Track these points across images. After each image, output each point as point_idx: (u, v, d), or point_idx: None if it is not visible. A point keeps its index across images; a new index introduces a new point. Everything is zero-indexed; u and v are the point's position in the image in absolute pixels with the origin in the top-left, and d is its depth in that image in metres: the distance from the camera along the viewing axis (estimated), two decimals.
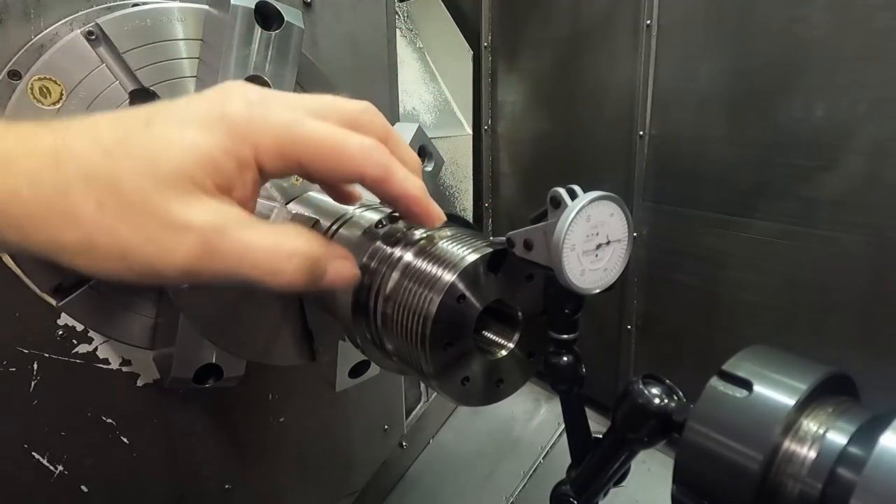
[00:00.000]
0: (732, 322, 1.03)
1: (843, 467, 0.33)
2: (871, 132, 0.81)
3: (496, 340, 0.51)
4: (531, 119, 1.37)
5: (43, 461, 0.79)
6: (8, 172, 0.33)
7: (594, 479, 0.49)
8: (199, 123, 0.35)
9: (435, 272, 0.46)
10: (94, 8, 0.76)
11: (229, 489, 0.97)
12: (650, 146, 1.10)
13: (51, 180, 0.33)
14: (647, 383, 0.44)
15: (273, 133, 0.36)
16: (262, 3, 0.76)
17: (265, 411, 0.98)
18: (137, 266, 0.34)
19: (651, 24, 1.05)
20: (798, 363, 0.38)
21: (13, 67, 0.72)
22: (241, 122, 0.36)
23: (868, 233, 0.83)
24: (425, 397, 1.44)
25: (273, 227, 0.38)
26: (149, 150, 0.34)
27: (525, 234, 0.44)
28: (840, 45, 0.83)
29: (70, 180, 0.33)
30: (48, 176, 0.33)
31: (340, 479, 1.13)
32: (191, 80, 0.81)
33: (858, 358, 0.87)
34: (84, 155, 0.33)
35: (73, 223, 0.33)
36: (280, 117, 0.37)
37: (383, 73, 1.01)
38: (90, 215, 0.33)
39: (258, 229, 0.36)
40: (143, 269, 0.34)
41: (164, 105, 0.37)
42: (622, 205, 0.44)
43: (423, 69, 1.52)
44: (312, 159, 0.37)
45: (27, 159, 0.33)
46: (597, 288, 0.44)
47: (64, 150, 0.34)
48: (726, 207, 1.00)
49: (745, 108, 0.95)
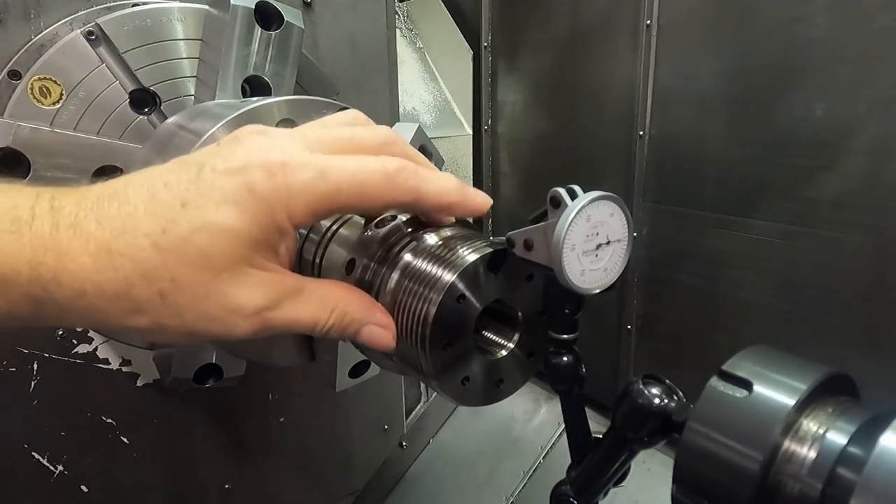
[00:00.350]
0: (732, 322, 1.02)
1: (843, 467, 0.33)
2: (871, 132, 0.81)
3: (496, 340, 0.51)
4: (531, 119, 1.37)
5: (43, 461, 0.79)
6: (71, 274, 0.35)
7: (594, 479, 0.49)
8: (232, 203, 0.36)
9: (435, 272, 0.46)
10: (94, 8, 0.76)
11: (229, 489, 0.97)
12: (650, 146, 1.10)
13: (112, 280, 0.35)
14: (647, 383, 0.44)
15: (301, 200, 0.38)
16: (262, 3, 0.76)
17: (265, 411, 0.98)
18: (203, 339, 0.39)
19: (651, 23, 1.05)
20: (798, 363, 0.38)
21: (13, 67, 0.72)
22: (269, 197, 0.37)
23: (868, 233, 0.83)
24: (425, 397, 1.44)
25: (318, 293, 0.41)
26: (196, 244, 0.36)
27: (525, 234, 0.44)
28: (840, 45, 0.83)
29: (130, 278, 0.35)
30: (109, 275, 0.35)
31: (340, 479, 1.13)
32: (191, 80, 0.81)
33: (858, 358, 0.87)
34: (136, 252, 0.35)
35: (140, 314, 0.36)
36: (303, 180, 0.38)
37: (383, 73, 1.01)
38: (156, 306, 0.36)
39: (305, 297, 0.40)
40: (208, 340, 0.39)
41: (187, 176, 0.37)
42: (622, 205, 0.44)
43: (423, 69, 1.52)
44: (343, 206, 0.40)
45: (85, 257, 0.35)
46: (597, 288, 0.44)
47: (116, 247, 0.35)
48: (726, 207, 1.00)
49: (745, 108, 0.95)
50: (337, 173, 0.38)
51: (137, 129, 0.78)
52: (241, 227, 0.36)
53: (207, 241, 0.36)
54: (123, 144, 0.77)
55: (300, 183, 0.37)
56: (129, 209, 0.36)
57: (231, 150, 0.38)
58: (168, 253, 0.35)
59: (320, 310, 0.41)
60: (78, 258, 0.35)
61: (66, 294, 0.35)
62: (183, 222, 0.36)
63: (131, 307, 0.36)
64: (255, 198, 0.36)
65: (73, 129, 0.74)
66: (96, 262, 0.35)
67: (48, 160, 0.72)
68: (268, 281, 0.38)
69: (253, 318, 0.38)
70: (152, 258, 0.35)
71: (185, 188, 0.37)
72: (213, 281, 0.36)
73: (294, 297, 0.40)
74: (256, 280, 0.38)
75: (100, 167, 0.75)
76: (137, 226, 0.35)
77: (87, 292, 0.35)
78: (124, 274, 0.35)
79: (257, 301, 0.38)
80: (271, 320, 0.39)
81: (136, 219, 0.36)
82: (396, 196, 0.40)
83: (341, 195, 0.39)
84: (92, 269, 0.35)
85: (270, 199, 0.37)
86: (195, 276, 0.36)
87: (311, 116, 0.69)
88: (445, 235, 0.50)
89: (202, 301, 0.36)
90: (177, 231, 0.35)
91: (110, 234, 0.35)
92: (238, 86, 0.77)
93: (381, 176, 0.39)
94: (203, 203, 0.36)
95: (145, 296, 0.35)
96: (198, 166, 0.37)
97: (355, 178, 0.39)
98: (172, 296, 0.36)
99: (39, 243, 0.34)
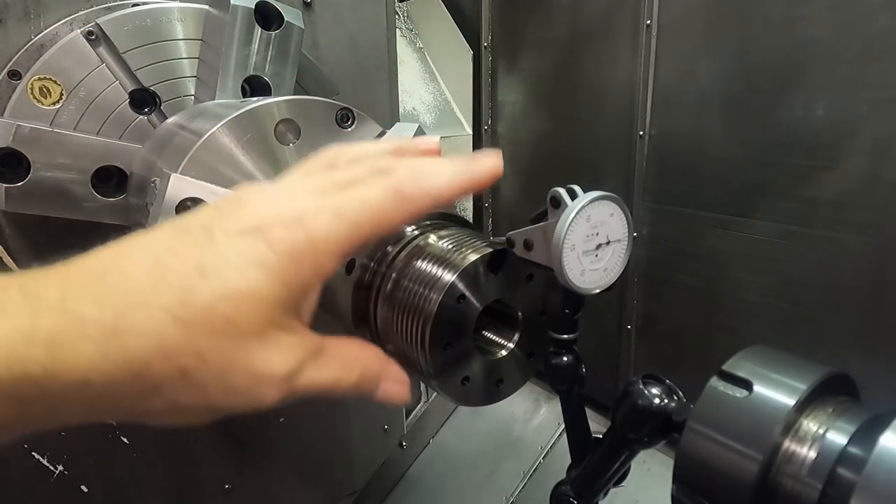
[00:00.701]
0: (732, 322, 1.02)
1: (843, 467, 0.33)
2: (872, 132, 0.81)
3: (496, 340, 0.51)
4: (531, 119, 1.37)
5: (43, 461, 0.79)
6: (68, 365, 0.30)
7: (594, 479, 0.49)
8: (256, 265, 0.34)
9: (435, 272, 0.46)
10: (94, 8, 0.76)
11: (229, 489, 0.97)
12: (650, 146, 1.10)
13: (125, 364, 0.31)
14: (647, 383, 0.44)
15: (325, 248, 0.36)
16: (262, 3, 0.76)
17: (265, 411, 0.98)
18: (223, 414, 0.35)
19: (651, 23, 1.05)
20: (798, 363, 0.38)
21: (13, 67, 0.72)
22: (294, 253, 0.35)
23: (868, 233, 0.83)
24: (425, 397, 1.44)
25: (339, 353, 0.40)
26: (222, 313, 0.33)
27: (525, 234, 0.44)
28: (840, 44, 0.83)
29: (147, 358, 0.32)
30: (118, 357, 0.31)
31: (340, 479, 1.13)
32: (191, 80, 0.81)
33: (858, 358, 0.87)
34: (152, 329, 0.32)
35: (156, 396, 0.33)
36: (322, 227, 0.36)
37: (383, 73, 1.01)
38: (175, 385, 0.33)
39: (327, 357, 0.39)
40: (228, 415, 0.35)
41: (195, 241, 0.35)
42: (622, 205, 0.44)
43: (423, 69, 1.52)
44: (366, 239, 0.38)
45: (85, 344, 0.31)
46: (597, 288, 0.44)
47: (124, 327, 0.31)
48: (726, 207, 1.00)
49: (745, 108, 0.95)
50: (350, 209, 0.37)
51: (137, 129, 0.78)
52: (269, 289, 0.34)
53: (234, 308, 0.33)
54: (123, 144, 0.77)
55: (321, 231, 0.36)
56: (132, 283, 0.33)
57: (237, 211, 0.36)
58: (190, 325, 0.32)
59: (342, 370, 0.39)
60: (76, 345, 0.31)
61: (63, 388, 0.31)
62: (204, 290, 0.33)
63: (146, 390, 0.32)
64: (280, 256, 0.34)
65: (73, 129, 0.74)
66: (102, 347, 0.31)
67: (48, 160, 0.72)
68: (294, 344, 0.37)
69: (281, 386, 0.36)
70: (173, 333, 0.32)
71: (199, 254, 0.34)
72: (240, 350, 0.34)
73: (317, 359, 0.38)
74: (284, 344, 0.36)
75: (100, 167, 0.75)
76: (149, 299, 0.32)
77: (93, 382, 0.31)
78: (140, 355, 0.31)
79: (285, 367, 0.36)
80: (297, 386, 0.37)
81: (146, 292, 0.32)
82: (412, 208, 0.39)
83: (361, 229, 0.37)
84: (97, 355, 0.31)
85: (296, 256, 0.35)
86: (221, 347, 0.33)
87: (311, 116, 0.69)
88: (445, 235, 0.50)
89: (228, 373, 0.34)
90: (198, 300, 0.33)
91: (114, 314, 0.31)
92: (238, 86, 0.77)
93: (391, 195, 0.38)
94: (224, 268, 0.33)
95: (165, 375, 0.32)
96: (205, 230, 0.35)
97: (367, 207, 0.37)
98: (196, 371, 0.33)
99: (19, 338, 0.30)
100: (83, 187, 0.75)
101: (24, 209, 0.73)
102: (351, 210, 0.36)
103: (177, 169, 0.63)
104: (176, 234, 0.35)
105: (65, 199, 0.74)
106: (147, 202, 0.67)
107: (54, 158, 0.72)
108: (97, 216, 0.77)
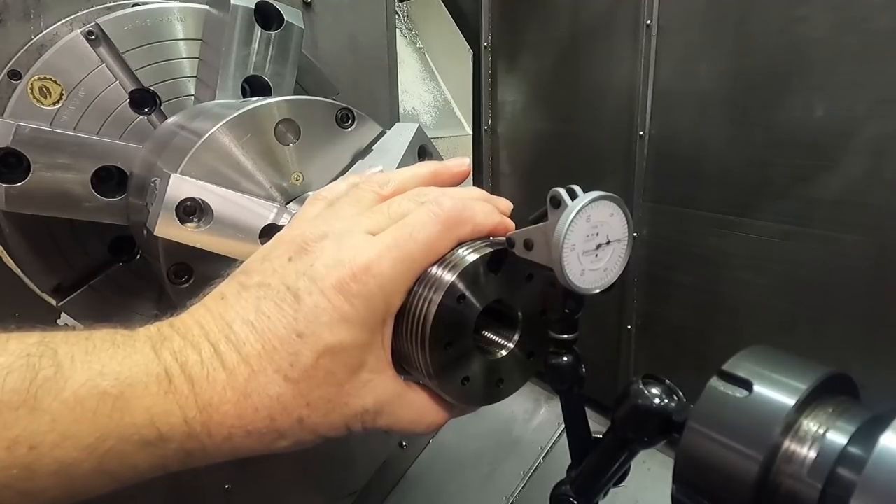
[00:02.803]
0: (732, 322, 1.02)
1: (844, 467, 0.33)
2: (871, 132, 0.81)
3: (496, 340, 0.51)
4: (531, 119, 1.37)
5: None
6: (217, 424, 0.38)
7: (594, 479, 0.49)
8: (342, 321, 0.39)
9: (435, 272, 0.46)
10: (94, 8, 0.76)
11: (229, 489, 0.97)
12: (650, 146, 1.10)
13: (255, 420, 0.38)
14: (647, 383, 0.44)
15: (392, 288, 0.41)
16: (262, 3, 0.76)
17: None
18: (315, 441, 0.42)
19: (651, 24, 1.05)
20: (798, 363, 0.38)
21: (13, 67, 0.72)
22: (370, 301, 0.40)
23: (868, 233, 0.83)
24: None
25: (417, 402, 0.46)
26: (323, 368, 0.39)
27: (525, 234, 0.44)
28: (840, 45, 0.83)
29: (272, 415, 0.38)
30: (252, 417, 0.38)
31: (340, 479, 1.13)
32: (191, 80, 0.81)
33: (859, 358, 0.87)
34: (273, 390, 0.38)
35: (282, 440, 0.40)
36: (387, 270, 0.41)
37: (383, 73, 1.01)
38: (296, 431, 0.40)
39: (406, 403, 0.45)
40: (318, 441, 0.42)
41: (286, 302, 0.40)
42: (622, 205, 0.44)
43: (423, 69, 1.52)
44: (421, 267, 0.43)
45: (227, 406, 0.38)
46: (597, 288, 0.44)
47: (252, 389, 0.38)
48: (726, 207, 1.00)
49: (745, 108, 0.95)
50: (407, 247, 0.42)
51: (137, 129, 0.78)
52: (355, 338, 0.40)
53: (331, 362, 0.39)
54: (123, 144, 0.77)
55: (387, 276, 0.41)
56: (249, 350, 0.38)
57: (310, 266, 0.41)
58: (299, 383, 0.38)
59: (418, 418, 0.46)
60: (221, 408, 0.37)
61: (216, 442, 0.38)
62: (306, 352, 0.38)
63: (275, 438, 0.39)
64: (359, 310, 0.40)
65: (73, 129, 0.75)
66: (237, 408, 0.37)
67: (48, 160, 0.72)
68: (378, 386, 0.42)
69: (364, 419, 0.42)
70: (288, 392, 0.38)
71: (293, 318, 0.39)
72: (338, 395, 0.40)
73: (396, 403, 0.44)
74: (370, 386, 0.42)
75: (100, 167, 0.75)
76: (265, 365, 0.38)
77: (234, 436, 0.38)
78: (266, 413, 0.38)
79: (368, 405, 0.42)
80: (376, 422, 0.43)
81: (262, 358, 0.38)
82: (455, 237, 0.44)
83: (417, 263, 0.42)
84: (234, 415, 0.37)
85: (371, 304, 0.40)
86: (325, 395, 0.39)
87: (311, 116, 0.69)
88: None
89: (331, 415, 0.40)
90: (303, 361, 0.38)
91: (244, 380, 0.38)
92: (238, 86, 0.77)
93: (439, 228, 0.43)
94: (317, 329, 0.39)
95: (287, 425, 0.39)
96: (291, 291, 0.40)
97: (421, 241, 0.42)
98: (308, 419, 0.39)
99: (185, 401, 0.37)
100: (83, 187, 0.75)
101: (24, 209, 0.73)
102: (407, 248, 0.42)
103: (177, 169, 0.63)
104: (264, 293, 0.41)
105: (65, 199, 0.74)
106: (147, 202, 0.67)
107: (54, 158, 0.72)
108: (97, 216, 0.77)
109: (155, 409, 0.36)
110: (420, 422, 0.46)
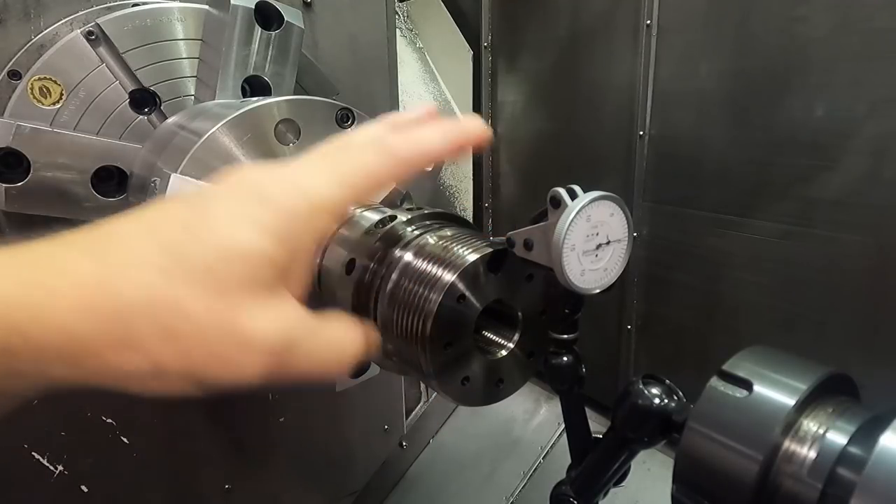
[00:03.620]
0: (732, 322, 1.02)
1: (843, 467, 0.33)
2: (871, 132, 0.81)
3: (496, 340, 0.51)
4: (531, 119, 1.37)
5: (43, 461, 0.79)
6: (54, 309, 0.30)
7: (594, 479, 0.49)
8: (250, 223, 0.33)
9: (435, 272, 0.46)
10: (94, 8, 0.76)
11: (229, 489, 0.97)
12: (650, 146, 1.10)
13: (108, 311, 0.31)
14: (647, 383, 0.44)
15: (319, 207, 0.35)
16: (262, 3, 0.76)
17: (265, 411, 0.98)
18: (209, 385, 0.34)
19: (651, 24, 1.05)
20: (798, 363, 0.38)
21: (13, 67, 0.72)
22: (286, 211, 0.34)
23: (868, 233, 0.83)
24: (425, 397, 1.44)
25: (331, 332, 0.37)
26: (211, 269, 0.32)
27: (525, 234, 0.44)
28: (840, 45, 0.83)
29: (131, 308, 0.31)
30: (104, 306, 0.31)
31: (340, 479, 1.13)
32: (191, 80, 0.81)
33: (859, 358, 0.87)
34: (140, 281, 0.31)
35: (140, 353, 0.31)
36: (317, 186, 0.35)
37: (383, 73, 1.01)
38: (159, 343, 0.31)
39: (319, 338, 0.36)
40: (214, 386, 0.34)
41: (189, 205, 0.35)
42: (622, 205, 0.44)
43: (423, 69, 1.52)
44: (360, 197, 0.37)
45: (74, 289, 0.31)
46: (597, 288, 0.44)
47: (112, 276, 0.31)
48: (726, 207, 1.00)
49: (745, 108, 0.95)
50: (344, 170, 0.36)
51: (137, 129, 0.78)
52: (260, 246, 0.33)
53: (222, 265, 0.32)
54: (123, 144, 0.77)
55: (315, 189, 0.35)
56: (127, 242, 0.33)
57: (232, 177, 0.36)
58: (176, 279, 0.31)
59: (339, 353, 0.38)
60: (66, 292, 0.31)
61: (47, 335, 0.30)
62: (193, 246, 0.32)
63: (130, 345, 0.31)
64: (273, 213, 0.34)
65: (73, 129, 0.74)
66: (91, 294, 0.31)
67: (48, 160, 0.72)
68: (285, 313, 0.35)
69: (267, 358, 0.34)
70: (159, 285, 0.31)
71: (191, 213, 0.34)
72: (226, 310, 0.32)
73: (309, 337, 0.36)
74: (273, 311, 0.34)
75: (100, 167, 0.75)
76: (141, 255, 0.32)
77: (76, 330, 0.31)
78: (124, 305, 0.31)
79: (274, 336, 0.34)
80: (287, 363, 0.35)
81: (132, 247, 0.32)
82: (405, 166, 0.38)
83: (355, 188, 0.37)
84: (84, 302, 0.31)
85: (290, 212, 0.34)
86: (206, 304, 0.32)
87: (311, 116, 0.69)
88: (445, 235, 0.50)
89: (211, 334, 0.32)
90: (187, 256, 0.32)
91: (108, 267, 0.32)
92: (238, 86, 0.77)
93: (383, 157, 0.38)
94: (214, 224, 0.33)
95: (148, 330, 0.31)
96: (200, 196, 0.35)
97: (360, 167, 0.37)
98: (178, 328, 0.31)
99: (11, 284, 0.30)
100: (83, 187, 0.75)
101: (24, 209, 0.73)
102: (345, 170, 0.36)
103: (177, 169, 0.63)
104: (172, 201, 0.36)
105: (65, 199, 0.74)
106: (147, 202, 0.67)
107: (54, 158, 0.72)
108: (97, 216, 0.77)
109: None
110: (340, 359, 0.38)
